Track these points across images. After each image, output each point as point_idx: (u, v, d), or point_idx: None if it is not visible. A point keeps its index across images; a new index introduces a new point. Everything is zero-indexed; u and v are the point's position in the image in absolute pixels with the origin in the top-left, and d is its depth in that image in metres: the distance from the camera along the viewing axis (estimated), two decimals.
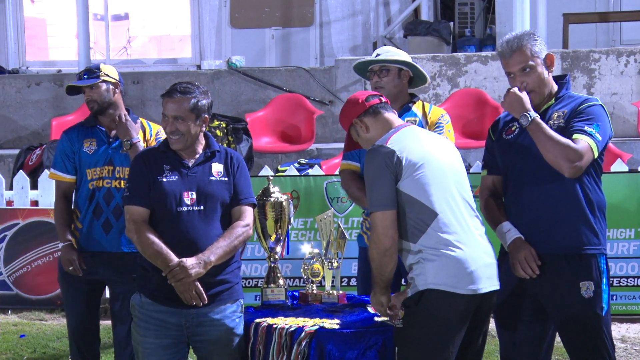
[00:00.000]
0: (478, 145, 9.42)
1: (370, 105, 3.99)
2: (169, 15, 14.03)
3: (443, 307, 3.73)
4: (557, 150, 3.93)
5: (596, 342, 4.05)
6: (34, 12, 14.28)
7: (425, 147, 3.85)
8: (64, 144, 4.99)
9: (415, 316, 3.75)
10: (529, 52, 4.08)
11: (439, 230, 3.74)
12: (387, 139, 3.85)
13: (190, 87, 4.14)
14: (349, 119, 4.04)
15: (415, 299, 3.75)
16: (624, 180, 7.16)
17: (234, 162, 4.22)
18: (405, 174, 3.74)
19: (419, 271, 3.75)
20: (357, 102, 4.03)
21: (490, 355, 6.22)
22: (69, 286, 4.99)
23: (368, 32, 12.70)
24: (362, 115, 3.99)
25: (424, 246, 3.74)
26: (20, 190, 7.84)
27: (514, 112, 4.07)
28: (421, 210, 3.74)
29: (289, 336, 3.97)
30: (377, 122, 3.97)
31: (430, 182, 3.76)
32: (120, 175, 4.90)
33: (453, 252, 3.73)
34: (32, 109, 11.34)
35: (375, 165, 3.77)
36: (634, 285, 7.17)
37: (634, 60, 10.15)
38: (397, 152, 3.76)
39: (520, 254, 4.02)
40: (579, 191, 4.03)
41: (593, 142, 3.96)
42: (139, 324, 4.14)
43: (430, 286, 3.72)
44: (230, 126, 9.80)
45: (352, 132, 4.06)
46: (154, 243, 4.02)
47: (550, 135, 3.95)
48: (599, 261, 4.06)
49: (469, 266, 3.74)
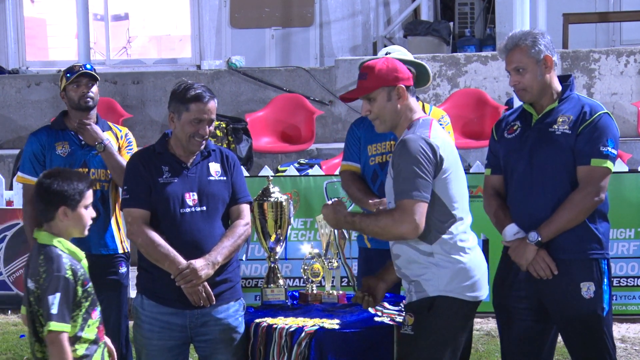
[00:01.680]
0: (478, 145, 9.42)
1: (412, 84, 3.86)
2: (169, 15, 14.02)
3: (455, 314, 3.72)
4: (583, 214, 4.00)
5: (597, 343, 4.05)
6: (34, 12, 14.28)
7: (454, 149, 3.83)
8: (34, 147, 4.91)
9: (428, 323, 3.71)
10: (524, 53, 4.07)
11: (456, 236, 3.72)
12: (428, 131, 3.71)
13: (205, 88, 4.15)
14: (392, 81, 3.77)
15: (427, 305, 3.71)
16: (624, 180, 7.15)
17: (230, 161, 4.23)
18: (440, 174, 3.69)
19: (429, 276, 3.71)
20: (407, 72, 3.82)
21: (491, 355, 6.22)
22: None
23: (368, 32, 12.70)
24: (406, 86, 3.81)
25: (438, 250, 3.70)
26: (20, 190, 7.83)
27: (521, 259, 4.08)
28: (444, 213, 3.71)
29: (289, 336, 3.96)
30: (411, 101, 3.82)
31: (456, 186, 3.75)
32: (95, 177, 4.86)
33: (464, 259, 3.72)
34: (32, 109, 11.35)
35: (422, 155, 3.63)
36: (634, 285, 7.17)
37: (634, 60, 10.15)
38: (440, 149, 3.68)
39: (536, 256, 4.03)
40: None
41: (610, 161, 4.01)
42: (142, 326, 4.13)
43: (442, 293, 3.69)
44: (230, 126, 9.80)
45: (382, 93, 3.78)
46: (160, 245, 4.01)
47: (567, 221, 3.99)
48: (601, 263, 4.07)
49: (475, 274, 3.74)
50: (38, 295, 3.49)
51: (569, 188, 4.03)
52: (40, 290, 3.48)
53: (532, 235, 4.02)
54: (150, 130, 10.91)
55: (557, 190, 4.04)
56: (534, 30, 4.19)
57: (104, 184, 4.90)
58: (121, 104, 10.93)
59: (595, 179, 3.99)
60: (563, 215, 3.99)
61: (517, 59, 4.08)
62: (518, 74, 4.09)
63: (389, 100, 3.79)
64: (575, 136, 4.02)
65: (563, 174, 4.04)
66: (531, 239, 4.02)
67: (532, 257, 4.03)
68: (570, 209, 3.98)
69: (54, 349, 3.44)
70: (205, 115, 4.08)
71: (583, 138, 4.01)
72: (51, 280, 3.46)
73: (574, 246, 4.03)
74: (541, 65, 4.08)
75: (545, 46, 4.08)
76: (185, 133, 4.10)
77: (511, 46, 4.10)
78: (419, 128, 3.74)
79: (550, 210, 4.03)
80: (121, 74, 11.63)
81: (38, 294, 3.49)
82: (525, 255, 4.04)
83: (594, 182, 3.99)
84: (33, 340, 3.56)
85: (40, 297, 3.48)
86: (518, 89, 4.12)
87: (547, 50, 4.09)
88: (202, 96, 4.08)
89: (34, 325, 3.54)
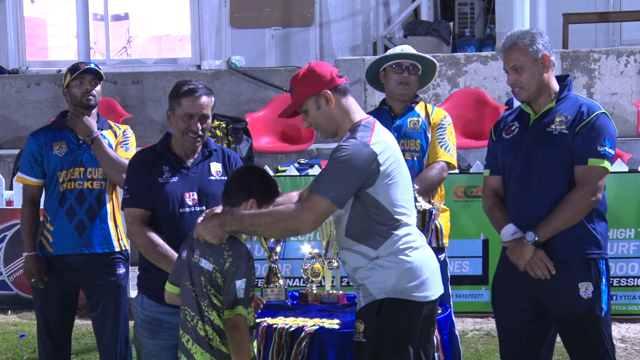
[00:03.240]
0: (478, 145, 9.42)
1: (342, 83, 3.71)
2: (169, 15, 14.04)
3: (403, 316, 3.63)
4: (581, 213, 4.00)
5: (595, 343, 4.05)
6: (34, 12, 14.29)
7: (397, 151, 3.71)
8: (32, 148, 4.92)
9: (377, 327, 3.63)
10: (522, 52, 4.07)
11: (400, 238, 3.63)
12: (369, 136, 3.59)
13: (201, 84, 4.13)
14: (315, 89, 3.67)
15: (374, 309, 3.63)
16: (624, 180, 7.16)
17: (231, 161, 4.23)
18: (379, 180, 3.58)
19: (374, 279, 3.62)
20: (329, 74, 3.69)
21: (491, 355, 6.22)
22: (41, 292, 4.92)
23: (368, 32, 12.70)
24: (332, 89, 3.67)
25: (383, 253, 3.62)
26: (20, 190, 7.82)
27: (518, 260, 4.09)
28: (387, 218, 3.61)
29: (288, 336, 3.96)
30: (344, 102, 3.70)
31: (399, 190, 3.64)
32: (92, 176, 4.87)
33: (410, 259, 3.63)
34: (32, 109, 11.35)
35: (354, 162, 3.52)
36: (634, 285, 7.17)
37: (634, 60, 10.15)
38: (378, 157, 3.55)
39: (534, 256, 4.03)
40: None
41: (607, 161, 4.01)
42: (141, 325, 4.13)
43: (389, 295, 3.61)
44: (230, 126, 9.80)
45: (310, 103, 3.69)
46: (158, 245, 4.01)
47: (565, 221, 3.98)
48: (599, 263, 4.07)
49: (423, 273, 3.65)
50: (216, 277, 3.51)
51: (566, 188, 4.03)
52: (224, 274, 3.50)
53: (530, 235, 4.02)
54: (150, 130, 10.92)
55: (554, 190, 4.04)
56: (532, 29, 4.20)
57: (102, 183, 4.90)
58: (121, 104, 10.93)
59: (593, 179, 3.99)
60: (560, 215, 3.99)
61: (514, 57, 4.09)
62: (515, 72, 4.10)
63: (318, 109, 3.69)
64: (573, 136, 4.02)
65: (561, 174, 4.04)
66: (528, 239, 4.02)
67: (530, 257, 4.03)
68: (568, 209, 3.98)
69: (237, 334, 3.49)
70: (195, 110, 4.04)
71: (580, 138, 4.02)
72: (239, 265, 3.49)
73: (571, 246, 4.03)
74: (539, 64, 4.08)
75: (544, 45, 4.08)
76: (178, 129, 4.09)
77: (509, 45, 4.11)
78: (360, 132, 3.62)
79: (548, 210, 4.03)
80: (121, 73, 11.63)
81: (218, 276, 3.51)
82: (523, 256, 4.04)
83: (592, 182, 3.99)
84: (197, 319, 3.56)
85: (219, 280, 3.51)
86: (515, 88, 4.12)
87: (545, 50, 4.09)
88: (193, 91, 4.06)
89: (198, 303, 3.56)
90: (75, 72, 4.91)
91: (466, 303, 7.24)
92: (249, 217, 3.55)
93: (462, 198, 7.30)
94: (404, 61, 4.99)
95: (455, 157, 5.08)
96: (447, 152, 5.00)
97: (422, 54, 5.12)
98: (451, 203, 6.74)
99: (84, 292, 5.00)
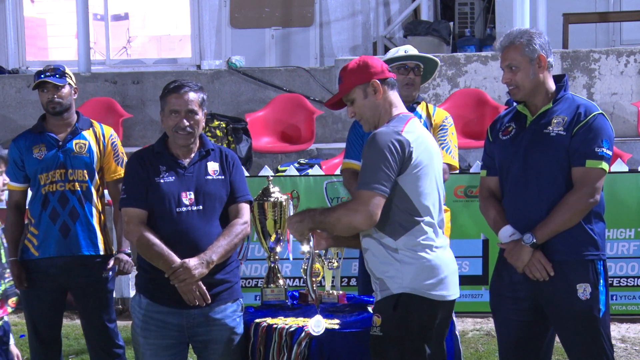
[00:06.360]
0: (478, 145, 9.42)
1: (391, 77, 3.84)
2: (169, 15, 14.04)
3: (420, 313, 3.66)
4: (578, 215, 3.99)
5: (594, 344, 4.05)
6: (34, 12, 14.29)
7: (431, 147, 3.79)
8: (13, 153, 4.91)
9: (394, 322, 3.66)
10: (518, 51, 4.07)
11: (421, 233, 3.67)
12: (402, 125, 3.69)
13: (191, 82, 4.16)
14: (365, 78, 3.76)
15: (392, 304, 3.66)
16: (624, 180, 7.16)
17: (229, 160, 4.23)
18: (409, 169, 3.65)
19: (393, 273, 3.67)
20: (380, 66, 3.80)
21: (491, 355, 6.22)
22: (27, 295, 4.92)
23: (368, 32, 12.70)
24: (381, 80, 3.78)
25: (403, 246, 3.66)
26: None
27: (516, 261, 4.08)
28: (410, 208, 3.67)
29: (289, 336, 3.96)
30: (390, 94, 3.80)
31: (426, 184, 3.70)
32: (73, 177, 4.86)
33: (430, 256, 3.66)
34: (32, 109, 11.33)
35: (389, 148, 3.61)
36: (634, 285, 7.17)
37: (634, 60, 10.15)
38: (411, 145, 3.64)
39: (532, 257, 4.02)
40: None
41: (604, 162, 4.00)
42: (139, 325, 4.13)
43: (407, 290, 3.64)
44: (230, 126, 9.80)
45: (357, 91, 3.78)
46: (155, 244, 4.01)
47: (563, 223, 3.98)
48: (597, 264, 4.07)
49: (442, 272, 3.69)
50: None
51: (564, 189, 4.02)
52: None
53: (527, 237, 4.01)
54: (150, 130, 10.91)
55: (552, 191, 4.03)
56: (531, 29, 4.19)
57: (82, 185, 4.88)
58: (121, 103, 10.93)
59: (591, 180, 3.99)
60: (558, 216, 3.98)
61: (510, 56, 4.09)
62: (511, 71, 4.10)
63: (365, 97, 3.78)
64: (570, 137, 4.02)
65: (558, 175, 4.03)
66: (526, 240, 4.01)
67: (528, 258, 4.02)
68: (565, 211, 3.98)
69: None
70: (180, 106, 4.07)
71: (578, 139, 4.01)
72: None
73: (569, 247, 4.03)
74: (534, 64, 4.07)
75: (541, 46, 4.08)
76: (169, 128, 4.12)
77: (506, 44, 4.11)
78: (394, 122, 3.73)
79: (546, 211, 4.02)
80: (121, 73, 11.63)
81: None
82: (521, 257, 4.04)
83: (589, 183, 3.98)
84: None
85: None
86: (510, 87, 4.13)
87: (541, 50, 4.08)
88: (179, 88, 4.09)
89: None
90: (37, 78, 4.90)
91: (466, 303, 7.23)
92: (320, 215, 3.75)
93: (462, 198, 7.30)
94: (409, 62, 5.01)
95: (456, 159, 5.08)
96: (448, 154, 5.00)
97: (427, 55, 5.14)
98: (451, 203, 6.74)
99: (71, 294, 5.00)
